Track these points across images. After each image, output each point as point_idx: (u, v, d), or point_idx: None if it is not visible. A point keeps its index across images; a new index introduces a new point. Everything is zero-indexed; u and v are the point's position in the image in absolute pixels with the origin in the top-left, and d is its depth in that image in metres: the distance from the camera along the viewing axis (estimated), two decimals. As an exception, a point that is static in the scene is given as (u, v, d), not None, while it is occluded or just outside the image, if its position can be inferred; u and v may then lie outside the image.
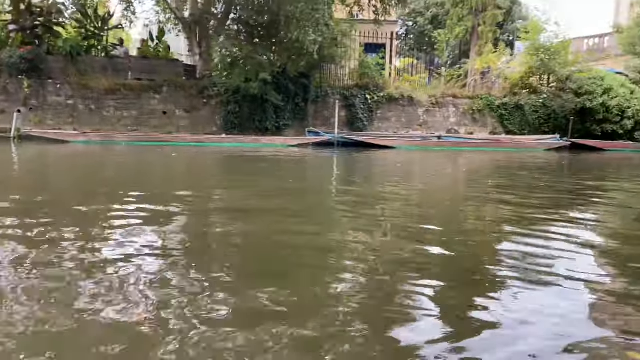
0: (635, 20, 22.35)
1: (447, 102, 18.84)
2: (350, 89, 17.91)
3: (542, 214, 5.29)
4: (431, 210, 5.66)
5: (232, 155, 12.63)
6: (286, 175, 8.88)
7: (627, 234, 4.57)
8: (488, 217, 5.23)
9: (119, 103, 15.69)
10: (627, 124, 19.16)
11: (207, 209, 5.07)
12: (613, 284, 2.90)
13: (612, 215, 5.65)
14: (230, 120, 16.38)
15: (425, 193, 7.21)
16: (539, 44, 19.61)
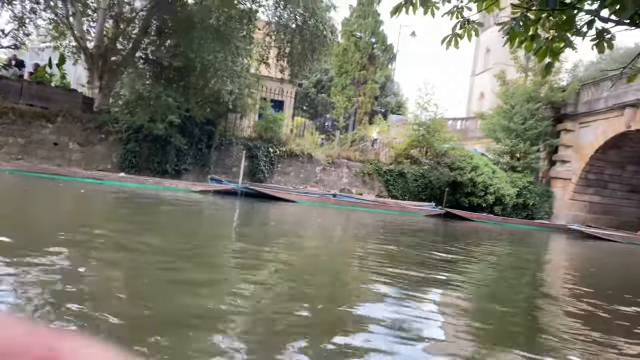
0: (496, 110, 26.03)
1: (342, 163, 20.06)
2: (254, 140, 18.31)
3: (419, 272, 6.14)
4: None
5: (132, 196, 12.16)
6: (186, 223, 8.78)
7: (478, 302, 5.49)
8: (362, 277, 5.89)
9: (4, 128, 14.30)
10: (489, 199, 21.93)
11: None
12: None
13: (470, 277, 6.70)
14: (128, 158, 15.73)
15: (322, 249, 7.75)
16: (421, 120, 21.92)
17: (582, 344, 3.67)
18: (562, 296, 6.10)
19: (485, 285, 6.18)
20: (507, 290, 6.21)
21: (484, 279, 6.80)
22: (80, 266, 4.03)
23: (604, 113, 22.62)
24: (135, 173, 15.55)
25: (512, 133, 24.14)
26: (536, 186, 24.20)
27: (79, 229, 6.23)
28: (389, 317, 3.67)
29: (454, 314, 4.07)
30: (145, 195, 12.61)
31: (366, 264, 6.32)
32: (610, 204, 24.77)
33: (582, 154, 24.06)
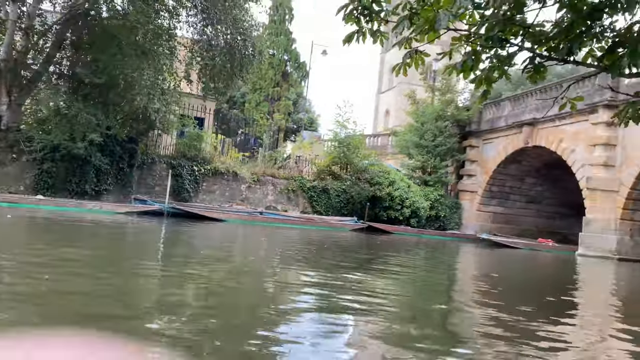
0: (408, 127, 27.53)
1: (267, 181, 20.20)
2: (177, 158, 17.94)
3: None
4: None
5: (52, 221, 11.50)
6: (111, 247, 8.49)
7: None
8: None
9: None
10: (405, 212, 23.08)
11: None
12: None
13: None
14: (43, 179, 14.82)
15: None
16: (341, 138, 22.67)
17: (484, 339, 4.22)
18: (469, 298, 6.80)
19: (401, 294, 6.71)
20: (421, 296, 6.83)
21: (401, 287, 7.41)
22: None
23: (504, 130, 24.73)
24: (51, 195, 14.65)
25: (423, 149, 25.64)
26: (446, 199, 25.82)
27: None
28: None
29: (371, 321, 4.50)
30: (68, 219, 11.95)
31: (287, 282, 6.60)
32: (511, 214, 26.99)
33: (486, 168, 26.07)
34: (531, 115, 22.80)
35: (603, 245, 18.31)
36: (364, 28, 6.55)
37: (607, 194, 18.53)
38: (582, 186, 19.99)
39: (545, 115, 21.29)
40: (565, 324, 5.43)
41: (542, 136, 22.37)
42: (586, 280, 12.54)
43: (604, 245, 18.28)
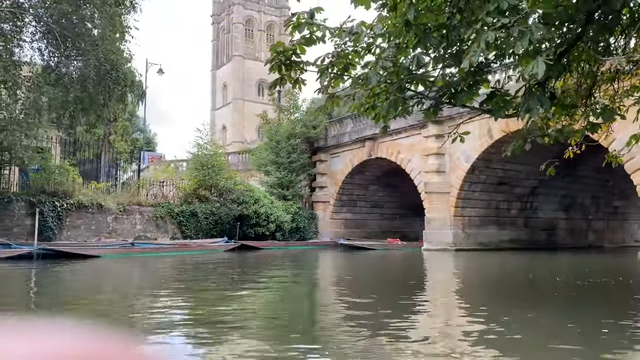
0: (263, 146, 28.87)
1: (134, 210, 19.68)
2: (37, 195, 16.64)
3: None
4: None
5: None
6: None
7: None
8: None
9: None
10: (271, 227, 24.29)
11: None
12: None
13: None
14: None
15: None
16: (205, 160, 23.03)
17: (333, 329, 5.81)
18: (330, 298, 8.53)
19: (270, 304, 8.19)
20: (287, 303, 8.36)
21: (273, 294, 8.90)
22: None
23: (349, 145, 27.46)
24: None
25: (280, 166, 27.20)
26: (304, 211, 27.67)
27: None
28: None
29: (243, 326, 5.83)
30: None
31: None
32: (359, 219, 29.92)
33: (335, 179, 28.58)
34: (372, 131, 25.75)
35: (442, 239, 21.71)
36: (285, 75, 7.71)
37: (441, 195, 22.00)
38: (420, 190, 23.33)
39: (384, 131, 24.37)
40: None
41: (383, 149, 25.45)
42: (431, 269, 15.53)
43: (443, 239, 21.69)
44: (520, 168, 22.47)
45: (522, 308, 7.17)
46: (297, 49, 7.59)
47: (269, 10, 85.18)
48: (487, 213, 23.25)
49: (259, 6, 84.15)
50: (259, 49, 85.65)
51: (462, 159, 21.48)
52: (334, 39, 7.64)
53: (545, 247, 24.59)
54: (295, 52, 7.59)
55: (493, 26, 5.10)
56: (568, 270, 15.15)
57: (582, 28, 6.03)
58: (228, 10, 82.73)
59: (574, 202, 27.27)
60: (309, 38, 7.42)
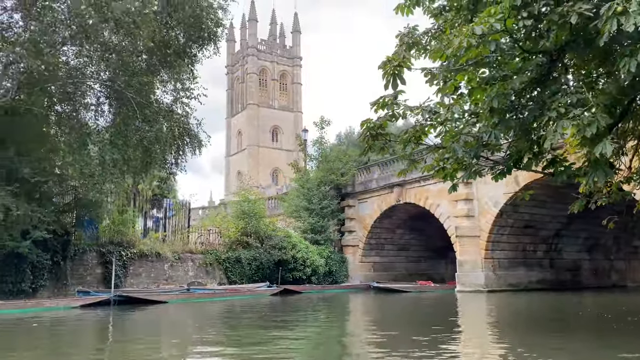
0: (295, 193, 30.36)
1: (186, 258, 21.01)
2: (106, 245, 18.05)
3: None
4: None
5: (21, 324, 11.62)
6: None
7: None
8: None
9: None
10: (307, 271, 25.52)
11: None
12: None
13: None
14: (-21, 284, 14.13)
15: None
16: (246, 208, 24.47)
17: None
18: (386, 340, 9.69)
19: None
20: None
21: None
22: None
23: (377, 191, 28.93)
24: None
25: (312, 212, 28.61)
26: (335, 254, 28.89)
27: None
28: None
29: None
30: (39, 320, 12.04)
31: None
32: (387, 262, 31.07)
33: (364, 223, 29.92)
34: (399, 177, 27.26)
35: (474, 281, 22.83)
36: (372, 145, 9.32)
37: (472, 239, 23.26)
38: (450, 234, 24.61)
39: (412, 178, 25.92)
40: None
41: (411, 194, 26.89)
42: (467, 310, 16.73)
43: (475, 281, 22.81)
44: (545, 212, 23.82)
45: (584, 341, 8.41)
46: (383, 124, 9.23)
47: (282, 60, 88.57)
48: (515, 255, 24.43)
49: (272, 57, 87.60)
50: (272, 97, 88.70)
51: (490, 204, 22.86)
52: (414, 115, 9.28)
53: (571, 288, 25.60)
54: (381, 126, 9.21)
55: (566, 115, 6.62)
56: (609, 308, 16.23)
57: (626, 109, 7.59)
58: (242, 61, 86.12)
59: (597, 244, 28.40)
60: (392, 114, 9.05)
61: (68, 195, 16.26)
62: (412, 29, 9.49)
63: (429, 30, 9.86)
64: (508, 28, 6.93)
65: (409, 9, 9.80)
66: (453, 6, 9.95)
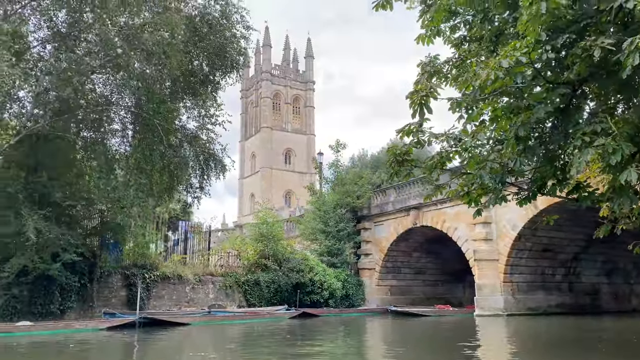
0: (311, 215, 30.60)
1: (207, 280, 21.27)
2: (130, 268, 18.39)
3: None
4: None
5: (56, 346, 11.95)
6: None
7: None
8: None
9: None
10: (325, 294, 25.61)
11: None
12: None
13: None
14: (12, 305, 14.51)
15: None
16: (264, 231, 24.73)
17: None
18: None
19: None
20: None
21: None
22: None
23: (393, 214, 29.10)
24: (17, 319, 14.39)
25: (328, 235, 28.80)
26: (352, 278, 28.94)
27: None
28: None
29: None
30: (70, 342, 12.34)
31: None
32: (404, 286, 31.03)
33: (380, 246, 30.01)
34: (416, 200, 27.45)
35: (493, 305, 22.77)
36: (398, 170, 9.62)
37: (490, 262, 23.28)
38: (468, 257, 24.62)
39: (429, 201, 26.10)
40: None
41: (428, 218, 27.01)
42: (487, 335, 16.84)
43: (494, 305, 22.75)
44: (563, 235, 23.81)
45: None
46: (409, 150, 9.56)
47: (295, 84, 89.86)
48: (534, 279, 24.36)
49: (285, 81, 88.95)
50: (285, 120, 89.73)
51: (508, 227, 22.93)
52: (439, 142, 9.59)
53: (591, 312, 25.38)
54: (407, 153, 9.54)
55: (591, 144, 6.88)
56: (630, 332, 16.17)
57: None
58: (257, 85, 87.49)
59: (616, 267, 28.19)
60: (418, 141, 9.36)
61: (94, 219, 16.64)
62: (432, 58, 9.91)
63: (450, 59, 10.25)
64: (532, 60, 7.25)
65: (430, 39, 10.22)
66: (474, 37, 10.39)
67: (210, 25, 17.45)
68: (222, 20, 17.90)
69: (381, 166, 54.67)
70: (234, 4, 18.09)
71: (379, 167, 50.41)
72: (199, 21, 17.45)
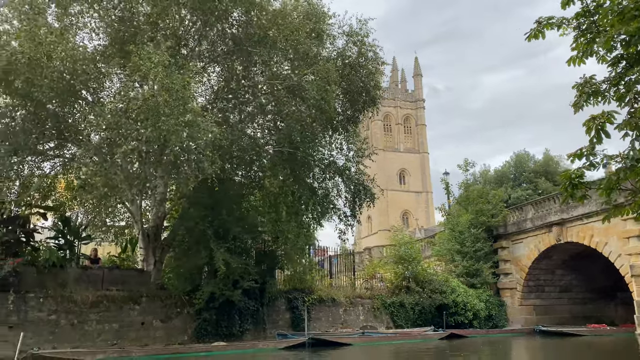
0: (444, 236, 30.75)
1: (357, 302, 22.43)
2: (291, 292, 20.08)
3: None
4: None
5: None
6: None
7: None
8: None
9: (100, 316, 14.69)
10: (469, 315, 25.57)
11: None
12: None
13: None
14: (203, 327, 16.65)
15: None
16: (404, 254, 25.43)
17: None
18: None
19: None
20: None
21: None
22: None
23: (532, 231, 28.33)
24: (208, 341, 16.46)
25: (465, 255, 28.75)
26: (493, 298, 28.52)
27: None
28: None
29: None
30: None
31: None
32: (548, 305, 29.84)
33: (519, 265, 29.28)
34: (557, 216, 26.59)
35: (658, 323, 21.27)
36: (572, 193, 9.98)
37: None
38: (623, 273, 23.30)
39: (572, 216, 25.26)
40: None
41: (573, 233, 25.99)
42: None
43: (660, 323, 21.24)
44: None
45: None
46: (581, 174, 9.92)
47: (405, 104, 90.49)
48: None
49: (395, 102, 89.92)
50: (397, 141, 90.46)
51: (668, 240, 21.50)
52: (615, 164, 9.86)
53: None
54: (580, 176, 9.91)
55: None
56: None
57: None
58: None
59: None
60: (591, 164, 9.69)
61: (259, 249, 18.58)
62: (588, 79, 10.24)
63: (607, 78, 10.50)
64: None
65: (582, 60, 10.56)
66: (633, 55, 10.55)
67: (352, 66, 18.91)
68: (360, 59, 19.33)
69: (506, 181, 53.01)
70: (369, 43, 19.44)
71: (503, 182, 48.95)
72: (340, 63, 19.00)
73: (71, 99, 14.56)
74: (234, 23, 16.33)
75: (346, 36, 19.11)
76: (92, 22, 15.86)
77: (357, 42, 19.28)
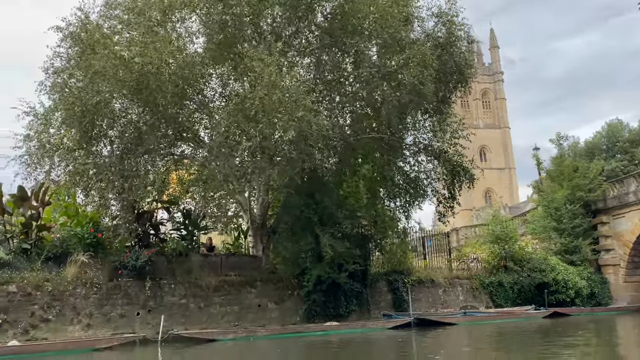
0: (539, 214, 29.89)
1: (455, 283, 22.59)
2: (391, 274, 20.60)
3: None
4: None
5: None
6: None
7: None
8: None
9: (223, 299, 16.00)
10: (570, 293, 24.89)
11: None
12: None
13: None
14: (313, 309, 17.59)
15: None
16: (500, 233, 25.08)
17: None
18: None
19: None
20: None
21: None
22: None
23: (636, 204, 26.94)
24: (317, 321, 17.36)
25: (563, 232, 27.84)
26: (595, 275, 27.47)
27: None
28: None
29: None
30: (370, 339, 14.58)
31: None
32: (656, 281, 28.33)
33: (622, 240, 27.95)
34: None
35: None
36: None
37: None
38: None
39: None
40: None
41: (684, 205, 24.49)
42: None
43: None
44: None
45: None
46: None
47: (483, 78, 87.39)
48: None
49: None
50: (475, 117, 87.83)
51: None
52: None
53: None
54: None
55: None
56: None
57: None
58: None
59: None
60: None
61: (358, 232, 19.17)
62: None
63: None
64: None
65: None
66: None
67: (442, 46, 18.83)
68: (451, 38, 19.18)
69: (598, 153, 50.24)
70: (459, 22, 19.24)
71: (595, 154, 46.57)
72: (431, 44, 18.96)
73: (183, 101, 15.76)
74: (328, 16, 16.82)
75: (435, 17, 19.06)
76: (194, 26, 16.98)
77: (447, 22, 19.16)
